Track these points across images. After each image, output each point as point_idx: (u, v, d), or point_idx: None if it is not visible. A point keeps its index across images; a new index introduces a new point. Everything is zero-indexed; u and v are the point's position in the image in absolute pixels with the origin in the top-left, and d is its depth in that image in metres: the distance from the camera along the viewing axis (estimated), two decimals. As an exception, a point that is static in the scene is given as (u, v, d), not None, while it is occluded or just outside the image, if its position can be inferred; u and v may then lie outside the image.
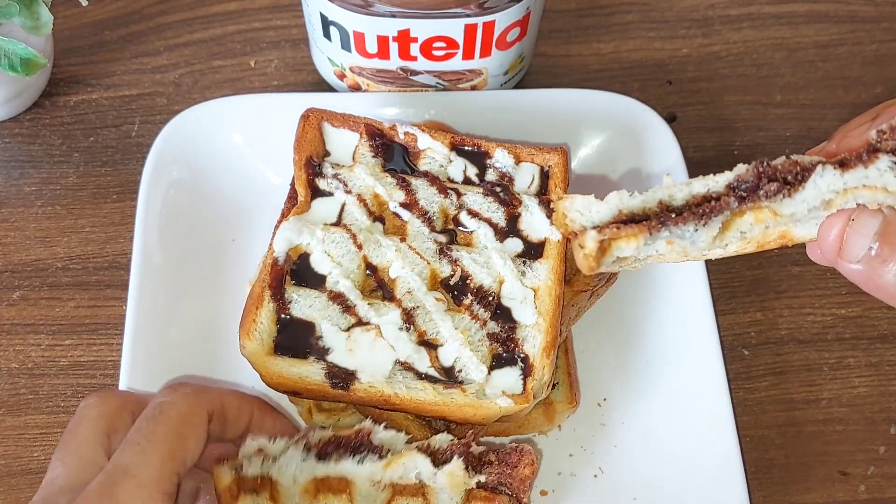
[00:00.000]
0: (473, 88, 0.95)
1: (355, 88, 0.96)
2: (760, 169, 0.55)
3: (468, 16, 0.84)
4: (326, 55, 0.93)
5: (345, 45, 0.89)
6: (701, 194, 0.56)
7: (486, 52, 0.89)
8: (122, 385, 0.78)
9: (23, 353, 0.87)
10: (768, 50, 1.06)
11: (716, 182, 0.56)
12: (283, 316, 0.74)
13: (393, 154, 0.82)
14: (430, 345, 0.73)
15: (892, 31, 1.07)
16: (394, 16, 0.84)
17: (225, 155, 0.90)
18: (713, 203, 0.55)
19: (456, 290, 0.76)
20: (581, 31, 1.07)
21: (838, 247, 0.52)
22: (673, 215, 0.56)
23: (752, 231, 0.56)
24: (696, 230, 0.55)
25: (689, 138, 0.99)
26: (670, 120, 0.98)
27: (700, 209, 0.55)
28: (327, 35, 0.89)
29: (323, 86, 1.00)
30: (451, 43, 0.87)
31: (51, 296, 0.90)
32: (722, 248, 0.58)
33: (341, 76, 0.95)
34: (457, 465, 0.69)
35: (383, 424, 0.72)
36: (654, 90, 1.03)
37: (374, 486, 0.69)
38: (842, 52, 1.06)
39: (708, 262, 0.84)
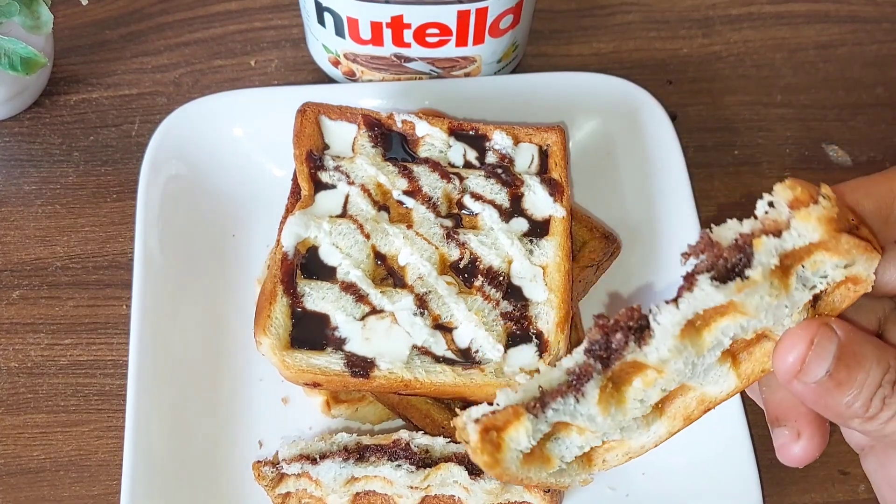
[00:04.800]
0: (467, 76, 0.95)
1: (349, 75, 0.96)
2: (601, 323, 0.56)
3: (461, 2, 0.84)
4: (321, 42, 0.93)
5: (339, 32, 0.89)
6: (571, 368, 0.57)
7: (479, 38, 0.89)
8: (131, 383, 0.77)
9: (22, 353, 0.87)
10: (769, 50, 1.06)
11: (578, 352, 0.57)
12: (297, 310, 0.74)
13: (392, 143, 0.82)
14: (445, 328, 0.74)
15: (892, 31, 1.07)
16: (387, 1, 0.84)
17: (222, 149, 0.90)
18: (580, 370, 0.57)
19: (466, 273, 0.76)
20: (581, 32, 1.07)
21: (798, 369, 0.54)
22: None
23: (650, 397, 0.57)
24: (578, 401, 0.56)
25: (689, 138, 0.99)
26: (670, 120, 0.98)
27: (571, 380, 0.57)
28: (321, 21, 0.89)
29: (323, 83, 1.00)
30: (444, 29, 0.87)
31: (50, 295, 0.90)
32: (644, 428, 0.60)
33: (336, 63, 0.95)
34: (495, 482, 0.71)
35: (421, 432, 0.74)
36: (655, 90, 1.02)
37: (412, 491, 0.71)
38: (842, 52, 1.06)
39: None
